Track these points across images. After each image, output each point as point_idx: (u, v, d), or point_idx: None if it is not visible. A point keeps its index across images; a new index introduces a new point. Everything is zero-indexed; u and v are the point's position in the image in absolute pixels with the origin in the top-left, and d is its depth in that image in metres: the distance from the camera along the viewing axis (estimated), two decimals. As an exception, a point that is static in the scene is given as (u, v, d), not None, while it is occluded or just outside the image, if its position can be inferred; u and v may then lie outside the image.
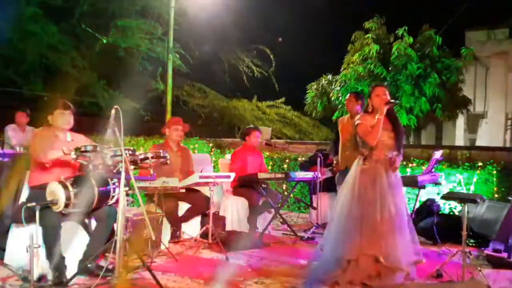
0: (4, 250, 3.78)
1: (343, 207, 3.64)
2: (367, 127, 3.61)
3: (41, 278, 3.39)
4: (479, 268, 3.75)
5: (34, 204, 3.24)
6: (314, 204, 5.63)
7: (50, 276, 3.40)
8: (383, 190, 3.54)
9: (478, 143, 15.76)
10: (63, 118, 3.69)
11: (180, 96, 16.78)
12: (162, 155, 3.83)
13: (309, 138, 17.42)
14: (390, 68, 10.14)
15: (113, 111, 3.16)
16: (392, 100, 3.69)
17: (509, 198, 5.29)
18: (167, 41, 11.64)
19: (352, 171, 3.72)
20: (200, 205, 4.96)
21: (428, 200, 5.66)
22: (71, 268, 3.48)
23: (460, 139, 16.90)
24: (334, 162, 5.36)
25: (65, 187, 3.34)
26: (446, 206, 5.99)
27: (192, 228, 5.00)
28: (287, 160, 7.59)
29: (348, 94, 5.45)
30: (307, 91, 12.17)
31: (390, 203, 3.52)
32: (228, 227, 5.20)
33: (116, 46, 13.79)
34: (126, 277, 3.25)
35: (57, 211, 3.36)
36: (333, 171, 5.48)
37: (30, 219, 3.29)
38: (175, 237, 4.80)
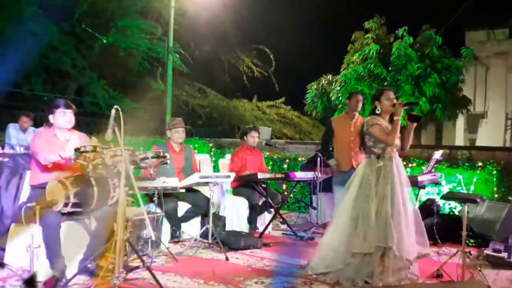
0: (4, 250, 3.78)
1: (356, 206, 3.72)
2: (383, 129, 3.77)
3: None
4: (479, 268, 3.75)
5: (34, 204, 3.24)
6: (314, 204, 5.63)
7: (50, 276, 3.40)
8: (394, 185, 3.69)
9: (478, 143, 15.76)
10: (65, 117, 3.70)
11: (180, 96, 16.78)
12: (162, 155, 3.82)
13: (309, 138, 17.45)
14: (390, 68, 10.14)
15: (113, 111, 3.16)
16: (410, 103, 3.86)
17: (509, 198, 5.30)
18: (167, 41, 11.66)
19: (361, 170, 3.82)
20: (200, 205, 4.96)
21: (428, 200, 5.66)
22: (71, 268, 3.48)
23: (460, 139, 16.91)
24: (333, 165, 5.25)
25: (65, 186, 3.34)
26: (446, 206, 5.99)
27: (192, 228, 5.00)
28: (287, 160, 7.59)
29: (356, 94, 5.43)
30: (307, 91, 12.17)
31: (399, 198, 3.67)
32: (228, 227, 5.20)
33: (116, 46, 13.79)
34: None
35: (57, 211, 3.36)
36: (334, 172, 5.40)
37: (30, 219, 3.30)
38: (175, 237, 4.80)
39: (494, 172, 5.97)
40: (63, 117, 3.69)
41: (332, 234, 3.88)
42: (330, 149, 5.33)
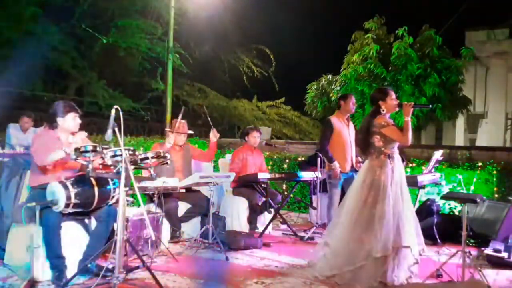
0: (4, 250, 3.78)
1: (366, 207, 3.71)
2: (397, 130, 3.79)
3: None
4: (479, 268, 3.74)
5: (34, 204, 3.24)
6: (314, 204, 5.62)
7: (50, 276, 3.40)
8: (402, 184, 3.74)
9: (478, 143, 15.75)
10: (75, 121, 3.71)
11: (180, 96, 16.78)
12: (162, 155, 3.82)
13: (309, 138, 17.43)
14: (390, 68, 10.13)
15: (113, 111, 3.16)
16: (422, 105, 4.04)
17: (509, 198, 5.29)
18: (167, 41, 11.64)
19: (370, 172, 3.79)
20: (200, 205, 4.96)
21: (428, 200, 5.65)
22: (71, 268, 3.48)
23: (460, 139, 16.90)
24: (336, 168, 5.08)
25: (65, 187, 3.34)
26: (446, 206, 5.99)
27: (192, 228, 5.00)
28: (287, 160, 7.59)
29: (352, 96, 5.35)
30: (307, 91, 12.17)
31: (405, 196, 3.73)
32: (228, 227, 5.21)
33: (116, 46, 13.79)
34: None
35: (57, 211, 3.36)
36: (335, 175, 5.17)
37: (30, 219, 3.29)
38: (175, 237, 4.81)
39: (494, 172, 5.98)
40: (73, 121, 3.70)
41: (335, 235, 3.86)
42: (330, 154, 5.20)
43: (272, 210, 5.41)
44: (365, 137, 3.86)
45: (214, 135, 5.36)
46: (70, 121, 3.68)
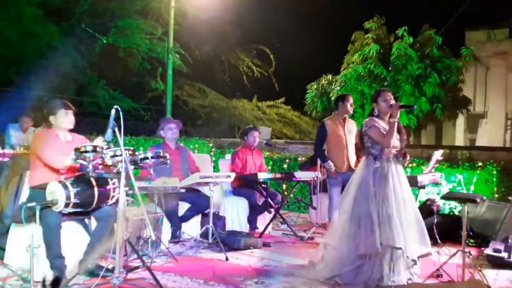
0: (4, 250, 3.78)
1: (356, 205, 3.74)
2: (380, 131, 3.78)
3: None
4: (479, 268, 3.75)
5: (34, 204, 3.24)
6: (314, 204, 5.63)
7: (50, 276, 3.40)
8: (395, 185, 3.72)
9: (478, 143, 15.77)
10: (67, 118, 3.71)
11: (180, 96, 16.77)
12: (162, 154, 3.82)
13: (309, 138, 17.42)
14: (390, 68, 10.14)
15: (113, 111, 3.16)
16: (406, 105, 4.03)
17: (509, 198, 5.30)
18: (167, 41, 11.65)
19: (360, 171, 3.85)
20: (200, 205, 4.95)
21: (428, 200, 5.66)
22: (71, 268, 3.48)
23: (460, 139, 16.92)
24: (330, 167, 5.06)
25: (65, 186, 3.34)
26: (446, 206, 5.99)
27: (192, 228, 5.00)
28: (287, 160, 7.59)
29: (350, 97, 5.33)
30: (307, 91, 12.18)
31: (401, 198, 3.70)
32: (228, 227, 5.20)
33: (116, 46, 13.78)
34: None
35: (57, 211, 3.36)
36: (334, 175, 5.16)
37: (30, 219, 3.30)
38: (175, 237, 4.80)
39: (494, 172, 5.97)
40: (65, 118, 3.70)
41: (334, 236, 3.89)
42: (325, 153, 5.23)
43: (272, 210, 5.42)
44: (360, 138, 3.96)
45: None
46: (62, 118, 3.68)
